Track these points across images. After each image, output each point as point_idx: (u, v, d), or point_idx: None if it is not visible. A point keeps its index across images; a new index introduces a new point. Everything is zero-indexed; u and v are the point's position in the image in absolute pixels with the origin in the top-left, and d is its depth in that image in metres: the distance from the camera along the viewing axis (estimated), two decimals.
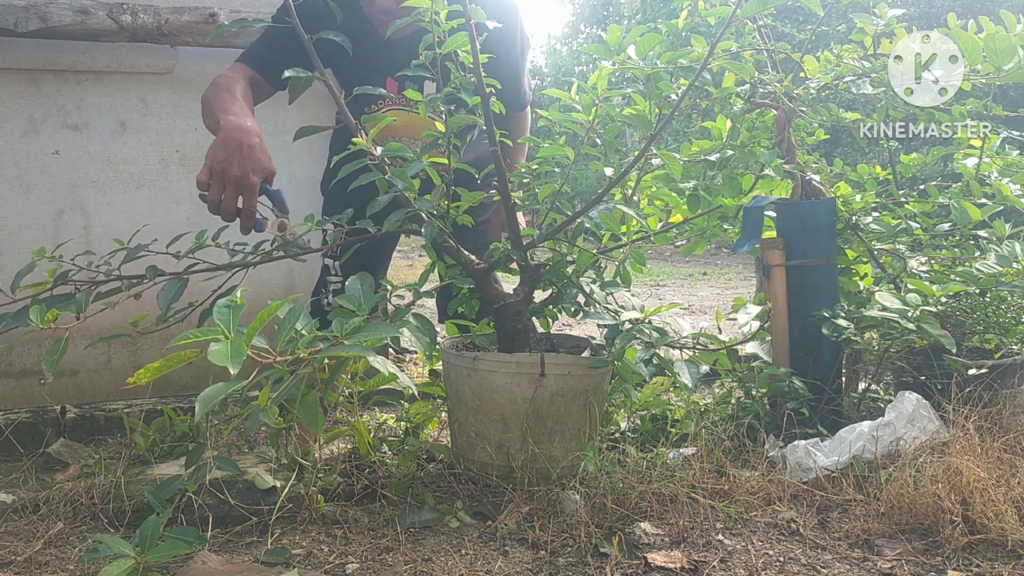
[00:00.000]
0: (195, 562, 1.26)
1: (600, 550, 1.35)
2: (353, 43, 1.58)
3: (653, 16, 11.01)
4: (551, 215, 1.81)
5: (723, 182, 1.90)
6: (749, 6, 1.67)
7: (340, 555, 1.36)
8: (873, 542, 1.40)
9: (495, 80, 1.57)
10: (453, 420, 1.72)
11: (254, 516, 1.45)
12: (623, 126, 1.86)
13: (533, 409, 1.57)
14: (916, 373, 1.94)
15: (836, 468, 1.63)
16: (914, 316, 1.75)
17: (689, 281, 6.65)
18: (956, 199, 2.06)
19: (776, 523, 1.48)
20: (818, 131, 2.25)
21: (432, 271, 1.80)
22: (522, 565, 1.32)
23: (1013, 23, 1.85)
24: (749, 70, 1.86)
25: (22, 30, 2.21)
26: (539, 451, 1.58)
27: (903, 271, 2.12)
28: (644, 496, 1.50)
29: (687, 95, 1.73)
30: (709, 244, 2.20)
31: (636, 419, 1.99)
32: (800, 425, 1.80)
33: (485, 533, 1.44)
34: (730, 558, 1.35)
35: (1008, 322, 2.01)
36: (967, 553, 1.35)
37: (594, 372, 1.63)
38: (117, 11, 2.28)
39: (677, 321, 1.93)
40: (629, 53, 1.79)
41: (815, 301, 1.91)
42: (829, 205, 1.97)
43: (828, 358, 1.92)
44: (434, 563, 1.32)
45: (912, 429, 1.70)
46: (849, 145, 7.72)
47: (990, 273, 1.84)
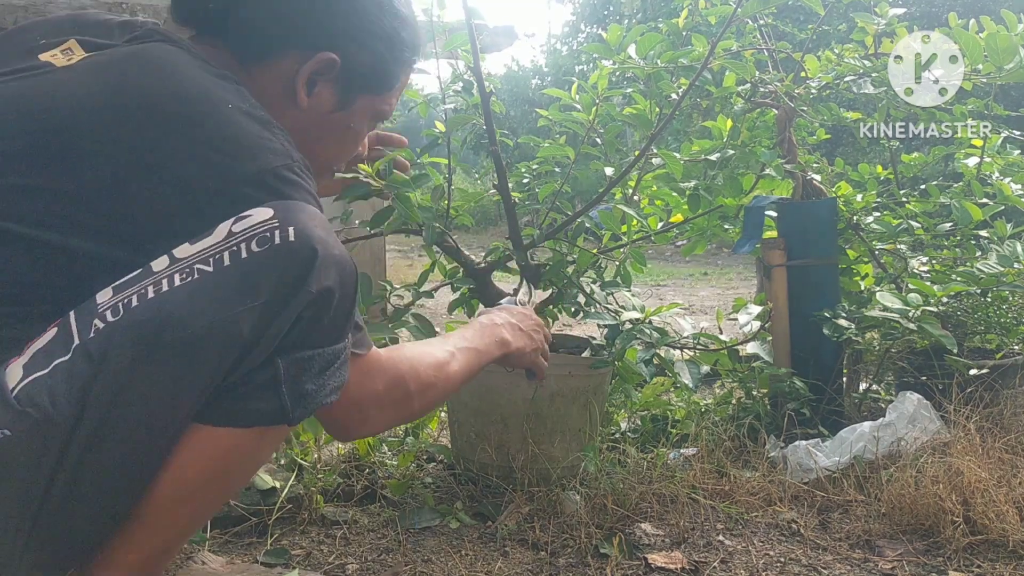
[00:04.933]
0: (195, 562, 1.25)
1: (600, 551, 1.35)
2: None
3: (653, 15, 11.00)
4: (551, 215, 1.80)
5: (724, 182, 1.90)
6: (750, 5, 1.67)
7: (340, 556, 1.35)
8: (874, 543, 1.40)
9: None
10: (453, 420, 1.71)
11: (254, 517, 1.44)
12: (623, 126, 1.85)
13: (533, 409, 1.57)
14: (917, 373, 1.94)
15: (837, 468, 1.63)
16: (915, 316, 1.75)
17: (690, 281, 6.65)
18: (957, 199, 2.05)
19: (777, 524, 1.48)
20: (819, 131, 2.24)
21: (432, 271, 1.80)
22: (522, 566, 1.31)
23: (1014, 22, 1.85)
24: (750, 69, 1.86)
25: None
26: (539, 451, 1.57)
27: (904, 271, 2.11)
28: (644, 497, 1.50)
29: (687, 94, 1.73)
30: (710, 244, 2.20)
31: (636, 419, 1.99)
32: (801, 425, 1.80)
33: (485, 534, 1.44)
34: (731, 559, 1.35)
35: (1009, 322, 2.00)
36: (968, 554, 1.35)
37: (594, 372, 1.62)
38: (116, 10, 2.28)
39: (678, 321, 1.93)
40: (629, 52, 1.79)
41: (816, 301, 1.91)
42: (830, 205, 1.97)
43: (829, 358, 1.92)
44: (434, 564, 1.31)
45: (913, 429, 1.69)
46: (850, 145, 7.71)
47: (991, 273, 1.83)
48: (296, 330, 0.81)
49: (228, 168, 0.83)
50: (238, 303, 0.76)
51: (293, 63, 0.98)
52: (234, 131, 0.85)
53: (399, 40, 1.04)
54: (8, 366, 0.76)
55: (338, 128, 1.06)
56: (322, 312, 0.81)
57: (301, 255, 0.78)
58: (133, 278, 0.78)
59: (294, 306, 0.79)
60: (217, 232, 0.79)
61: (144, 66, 0.87)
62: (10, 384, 0.74)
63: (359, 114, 1.06)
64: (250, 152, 0.84)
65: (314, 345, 0.82)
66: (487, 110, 1.58)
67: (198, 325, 0.75)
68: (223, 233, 0.79)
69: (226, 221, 0.79)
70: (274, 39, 0.97)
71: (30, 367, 0.75)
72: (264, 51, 0.98)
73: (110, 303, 0.76)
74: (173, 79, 0.86)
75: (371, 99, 1.06)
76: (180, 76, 0.86)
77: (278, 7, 0.97)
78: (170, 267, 0.77)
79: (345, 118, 1.05)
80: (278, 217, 0.79)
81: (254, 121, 0.87)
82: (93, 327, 0.75)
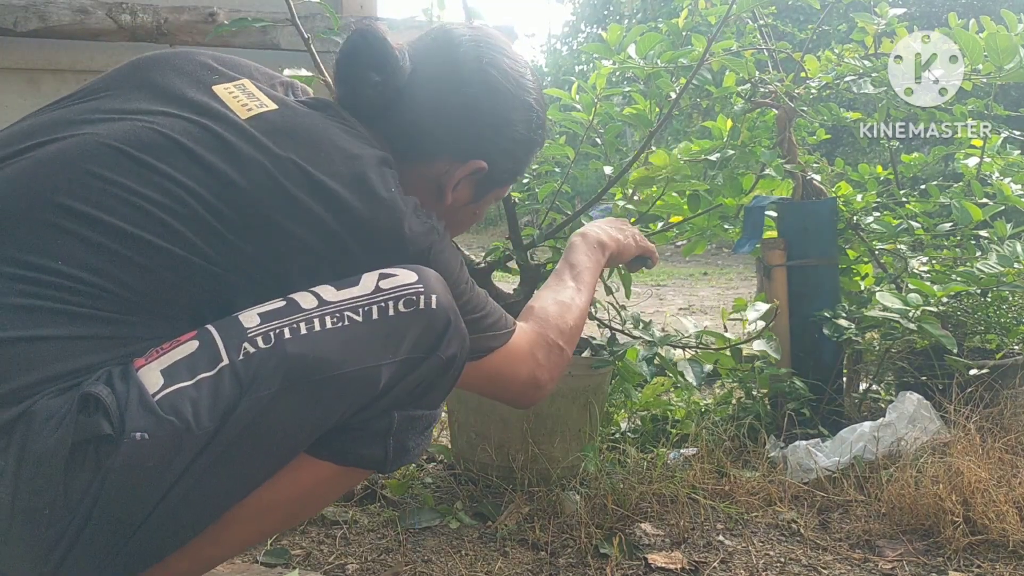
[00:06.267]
0: None
1: (600, 551, 1.35)
2: None
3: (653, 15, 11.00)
4: (551, 215, 1.80)
5: (724, 182, 1.90)
6: (744, 2, 1.67)
7: (340, 556, 1.35)
8: (874, 543, 1.40)
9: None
10: (453, 420, 1.71)
11: None
12: (623, 125, 1.85)
13: (533, 409, 1.57)
14: (917, 373, 1.94)
15: (837, 469, 1.63)
16: (915, 316, 1.75)
17: (690, 281, 6.64)
18: (957, 199, 2.05)
19: (777, 524, 1.48)
20: (819, 131, 2.24)
21: None
22: (522, 566, 1.31)
23: (1014, 22, 1.85)
24: (750, 69, 1.86)
25: (21, 29, 2.21)
26: (539, 451, 1.57)
27: (904, 271, 2.11)
28: (644, 497, 1.50)
29: (685, 91, 1.73)
30: (709, 244, 2.20)
31: (636, 419, 1.99)
32: (801, 425, 1.80)
33: (485, 534, 1.44)
34: (731, 559, 1.34)
35: (1009, 322, 2.00)
36: (968, 554, 1.35)
37: (595, 372, 1.62)
38: (116, 10, 2.28)
39: (680, 320, 1.93)
40: (629, 52, 1.79)
41: (816, 301, 1.91)
42: (830, 205, 1.97)
43: (829, 358, 1.92)
44: (434, 564, 1.31)
45: (913, 429, 1.69)
46: (850, 145, 7.72)
47: (991, 273, 1.83)
48: (418, 390, 0.86)
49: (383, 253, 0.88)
50: (382, 356, 0.82)
51: (445, 166, 1.04)
52: (394, 221, 0.89)
53: (533, 143, 1.11)
54: (140, 368, 0.77)
55: (468, 215, 1.14)
56: (440, 378, 0.88)
57: (440, 323, 0.85)
58: (281, 310, 0.81)
59: (424, 368, 0.85)
60: (363, 284, 0.84)
61: (318, 145, 0.89)
62: (150, 389, 0.75)
63: (487, 202, 1.15)
64: (407, 239, 0.89)
65: (425, 407, 0.89)
66: None
67: (346, 370, 0.80)
68: (370, 287, 0.84)
69: (370, 274, 0.85)
70: (433, 145, 1.03)
71: (171, 376, 0.77)
72: (421, 154, 1.03)
73: (260, 330, 0.79)
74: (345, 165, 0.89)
75: (500, 190, 1.15)
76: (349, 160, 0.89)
77: (440, 117, 1.01)
78: (319, 308, 0.81)
79: (476, 207, 1.13)
80: (422, 283, 0.85)
81: (408, 206, 0.91)
82: (243, 350, 0.78)
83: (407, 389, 0.85)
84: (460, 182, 1.05)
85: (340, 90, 1.01)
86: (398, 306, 0.83)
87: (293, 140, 0.88)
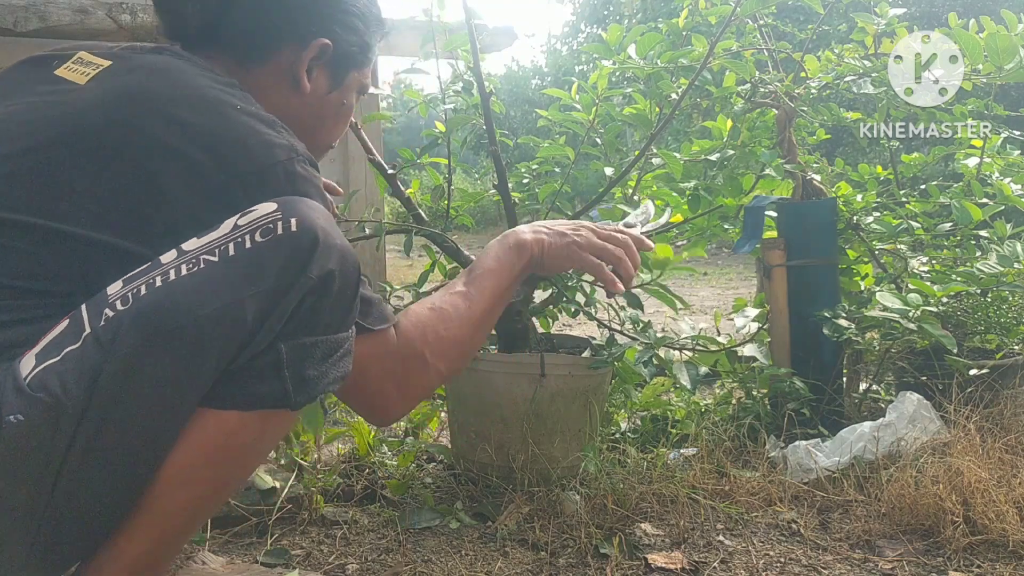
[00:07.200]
0: (195, 562, 1.25)
1: (600, 551, 1.35)
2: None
3: (653, 15, 11.00)
4: (551, 215, 1.80)
5: (724, 182, 1.90)
6: (749, 4, 1.67)
7: (340, 556, 1.35)
8: (874, 543, 1.40)
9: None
10: (453, 420, 1.71)
11: (254, 517, 1.44)
12: (623, 126, 1.86)
13: (533, 409, 1.57)
14: (917, 373, 1.94)
15: (837, 469, 1.63)
16: (915, 316, 1.75)
17: (689, 281, 6.64)
18: (957, 199, 2.05)
19: (777, 524, 1.48)
20: (819, 131, 2.24)
21: (432, 271, 1.80)
22: (522, 566, 1.31)
23: (1014, 22, 1.85)
24: (750, 69, 1.86)
25: (21, 29, 2.21)
26: (539, 451, 1.57)
27: (904, 271, 2.11)
28: (644, 497, 1.50)
29: (687, 94, 1.73)
30: (710, 244, 2.20)
31: (636, 420, 1.99)
32: (801, 425, 1.80)
33: (485, 534, 1.44)
34: (731, 559, 1.34)
35: (1009, 322, 2.00)
36: (968, 554, 1.35)
37: (594, 372, 1.62)
38: (116, 10, 2.28)
39: (676, 322, 1.93)
40: (629, 52, 1.79)
41: (816, 301, 1.91)
42: (830, 205, 1.97)
43: (829, 358, 1.92)
44: (434, 564, 1.31)
45: (913, 429, 1.69)
46: (850, 145, 7.72)
47: (991, 273, 1.83)
48: (298, 317, 0.83)
49: (234, 167, 0.88)
50: (242, 290, 0.79)
51: (291, 54, 1.05)
52: (242, 132, 0.89)
53: (372, 16, 1.13)
54: (23, 357, 0.78)
55: (335, 107, 1.13)
56: (323, 299, 0.84)
57: (302, 243, 0.81)
58: (143, 270, 0.81)
59: (296, 292, 0.81)
60: (223, 226, 0.82)
61: (158, 76, 0.92)
62: (23, 372, 0.76)
63: (349, 89, 1.14)
64: (256, 151, 0.89)
65: (316, 332, 0.85)
66: (487, 110, 1.58)
67: (204, 312, 0.77)
68: (229, 227, 0.82)
69: (232, 216, 0.83)
70: (271, 38, 1.04)
71: (42, 356, 0.77)
72: (264, 51, 1.04)
73: (120, 293, 0.79)
74: (186, 88, 0.91)
75: (357, 74, 1.14)
76: (191, 85, 0.92)
77: (269, 8, 1.03)
78: (178, 259, 0.80)
79: (339, 96, 1.12)
80: (281, 210, 0.83)
81: (260, 122, 0.91)
82: (104, 316, 0.78)
83: (283, 317, 0.81)
84: (313, 69, 1.06)
85: (164, 21, 1.04)
86: (255, 237, 0.81)
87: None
